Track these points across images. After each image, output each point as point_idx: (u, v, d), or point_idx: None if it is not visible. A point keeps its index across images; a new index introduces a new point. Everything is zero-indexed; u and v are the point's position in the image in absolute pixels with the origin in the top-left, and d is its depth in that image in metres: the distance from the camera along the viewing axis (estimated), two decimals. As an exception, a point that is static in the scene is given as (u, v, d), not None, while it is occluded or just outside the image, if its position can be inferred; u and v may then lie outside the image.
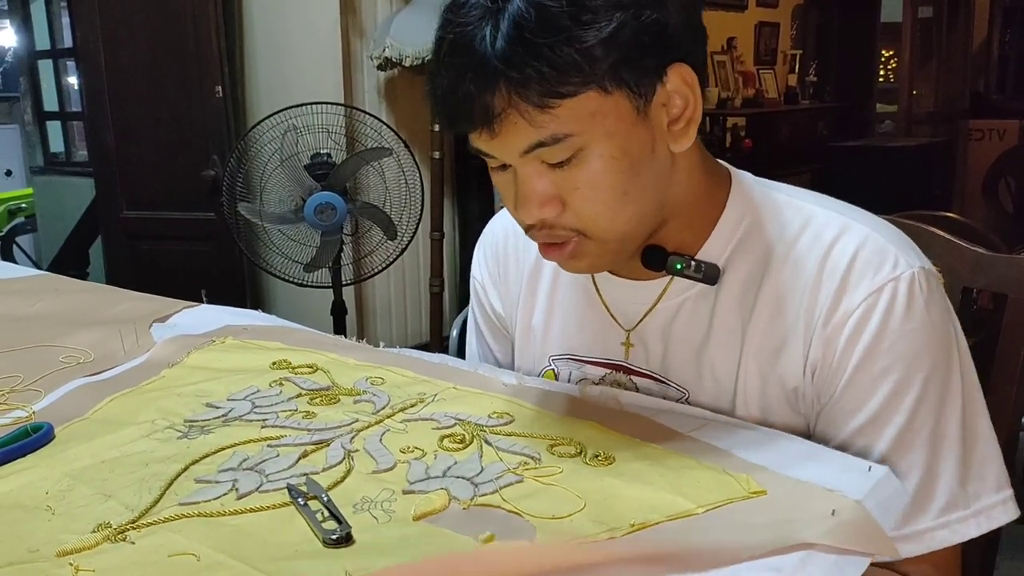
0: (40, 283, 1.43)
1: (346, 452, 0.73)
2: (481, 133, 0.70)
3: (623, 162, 0.71)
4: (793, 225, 0.80)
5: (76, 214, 3.84)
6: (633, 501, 0.63)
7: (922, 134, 5.67)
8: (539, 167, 0.72)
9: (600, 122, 0.69)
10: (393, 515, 0.63)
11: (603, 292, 0.88)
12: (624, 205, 0.73)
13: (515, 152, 0.71)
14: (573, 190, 0.72)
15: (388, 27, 2.66)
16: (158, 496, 0.65)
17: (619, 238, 0.75)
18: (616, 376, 0.88)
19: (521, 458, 0.71)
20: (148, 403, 0.85)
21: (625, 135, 0.71)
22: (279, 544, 0.59)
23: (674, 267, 0.80)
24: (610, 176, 0.71)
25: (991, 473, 0.75)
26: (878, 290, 0.74)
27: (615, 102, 0.69)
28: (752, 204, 0.82)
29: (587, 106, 0.68)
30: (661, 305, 0.83)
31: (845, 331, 0.74)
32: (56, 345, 1.05)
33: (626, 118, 0.70)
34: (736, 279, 0.80)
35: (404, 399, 0.84)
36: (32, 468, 0.71)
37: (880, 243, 0.76)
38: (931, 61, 5.91)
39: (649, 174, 0.74)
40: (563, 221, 0.74)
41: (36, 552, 0.58)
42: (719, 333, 0.81)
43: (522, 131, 0.69)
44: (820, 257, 0.77)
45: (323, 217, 2.35)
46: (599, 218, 0.73)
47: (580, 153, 0.70)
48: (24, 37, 4.53)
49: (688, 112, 0.73)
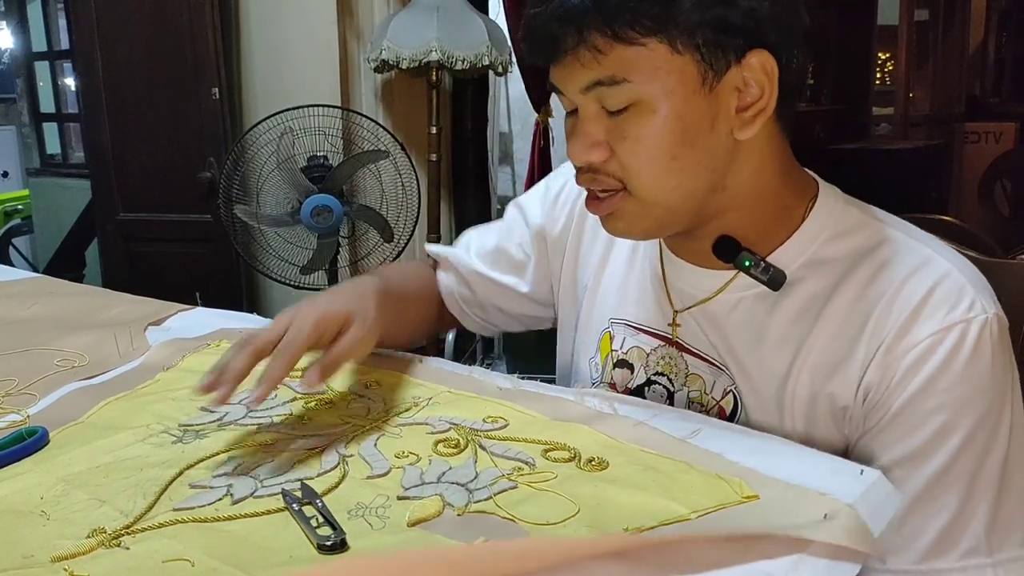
0: (35, 286, 1.43)
1: (341, 457, 0.73)
2: (552, 64, 0.74)
3: (676, 125, 0.72)
4: (873, 248, 0.79)
5: (72, 216, 3.84)
6: (627, 507, 0.63)
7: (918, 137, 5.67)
8: (597, 110, 0.74)
9: (662, 78, 0.70)
10: (388, 521, 0.63)
11: (667, 271, 0.89)
12: (670, 170, 0.73)
13: (577, 87, 0.73)
14: (622, 139, 0.73)
15: (385, 29, 2.66)
16: (152, 501, 0.65)
17: (661, 203, 0.76)
18: (668, 350, 0.88)
19: (515, 463, 0.71)
20: (143, 407, 0.85)
21: (685, 100, 0.71)
22: (273, 550, 0.59)
23: (743, 263, 0.80)
24: (660, 135, 0.72)
25: (1018, 526, 0.74)
26: (948, 328, 0.72)
27: (682, 64, 0.70)
28: (835, 220, 0.81)
29: (653, 58, 0.70)
30: (719, 297, 0.84)
31: (906, 361, 0.73)
32: (51, 348, 1.04)
33: (689, 84, 0.71)
34: (804, 290, 0.79)
35: (399, 403, 0.84)
36: (27, 473, 0.71)
37: (960, 282, 0.74)
38: (927, 64, 5.92)
39: (704, 149, 0.74)
40: (608, 168, 0.75)
41: (31, 558, 0.57)
42: (773, 339, 0.80)
43: (586, 65, 0.71)
44: (897, 284, 0.75)
45: (319, 219, 2.36)
46: (642, 174, 0.74)
47: (637, 104, 0.72)
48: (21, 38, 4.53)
49: (761, 103, 0.73)
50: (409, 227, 2.54)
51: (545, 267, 1.05)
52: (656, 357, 0.89)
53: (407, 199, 2.52)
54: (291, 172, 2.37)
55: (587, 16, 0.69)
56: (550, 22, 0.71)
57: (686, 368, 0.87)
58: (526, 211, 1.06)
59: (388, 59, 2.62)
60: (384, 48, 2.61)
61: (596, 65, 0.71)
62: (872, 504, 0.62)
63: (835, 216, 0.81)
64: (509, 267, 1.07)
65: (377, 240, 2.54)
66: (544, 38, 0.73)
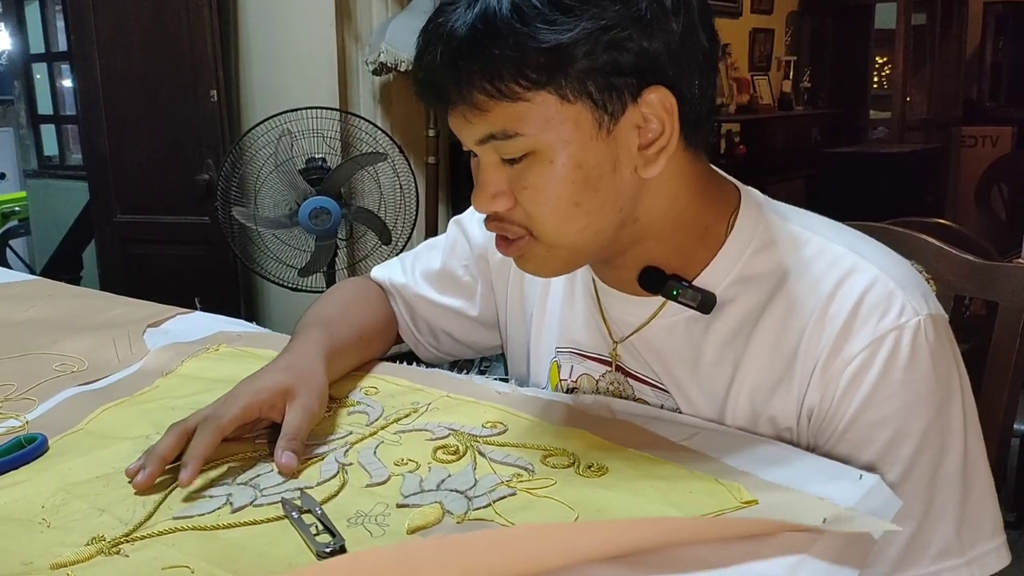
0: (33, 288, 1.43)
1: (340, 465, 0.73)
2: (447, 113, 0.72)
3: (576, 173, 0.70)
4: (800, 259, 0.77)
5: (70, 218, 3.83)
6: (625, 513, 0.63)
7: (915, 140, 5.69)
8: (497, 159, 0.72)
9: (556, 128, 0.69)
10: (387, 529, 0.63)
11: (602, 300, 0.88)
12: (574, 216, 0.72)
13: (471, 139, 0.72)
14: (523, 189, 0.72)
15: (383, 32, 2.66)
16: (152, 510, 0.65)
17: (567, 246, 0.74)
18: (615, 375, 0.88)
19: (514, 470, 0.71)
20: (142, 415, 0.85)
21: (582, 147, 0.69)
22: (273, 557, 0.59)
23: (671, 292, 0.79)
24: (561, 184, 0.70)
25: (987, 519, 0.74)
26: (880, 338, 0.72)
27: (575, 112, 0.68)
28: (759, 233, 0.79)
29: (543, 110, 0.68)
30: (654, 323, 0.83)
31: (844, 378, 0.73)
32: (50, 352, 1.04)
33: (585, 130, 0.69)
34: (736, 309, 0.79)
35: (398, 409, 0.84)
36: (26, 482, 0.71)
37: (888, 287, 0.73)
38: (924, 68, 5.94)
39: (608, 191, 0.72)
40: (513, 216, 0.74)
41: (30, 565, 0.58)
42: (709, 360, 0.80)
43: (476, 119, 0.69)
44: (825, 297, 0.74)
45: (318, 222, 2.36)
46: (546, 222, 0.72)
47: (534, 154, 0.70)
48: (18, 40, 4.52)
49: (663, 140, 0.71)
50: (407, 230, 2.54)
51: (489, 291, 1.02)
52: (605, 383, 0.89)
53: (405, 202, 2.52)
54: (289, 174, 2.37)
55: (469, 73, 0.67)
56: (434, 74, 0.69)
57: (632, 393, 0.86)
58: (467, 230, 1.03)
59: (386, 62, 2.62)
60: (382, 51, 2.61)
61: (484, 120, 0.69)
62: (870, 508, 0.63)
63: (757, 228, 0.79)
64: (456, 290, 1.04)
65: (375, 242, 2.54)
66: (430, 89, 0.71)
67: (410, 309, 1.06)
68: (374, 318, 1.03)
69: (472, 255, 1.02)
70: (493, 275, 1.01)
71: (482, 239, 1.01)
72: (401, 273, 1.07)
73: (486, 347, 1.07)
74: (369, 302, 1.05)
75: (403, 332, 1.08)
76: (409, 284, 1.05)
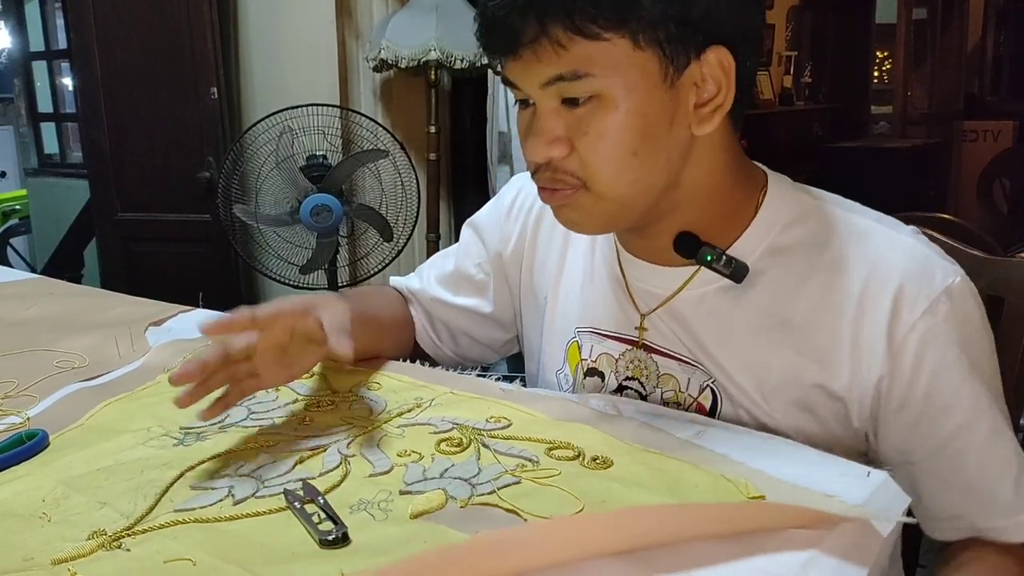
0: (34, 287, 1.43)
1: (343, 457, 0.72)
2: (509, 58, 0.72)
3: (638, 121, 0.72)
4: (831, 233, 0.80)
5: (71, 216, 3.83)
6: (631, 504, 0.63)
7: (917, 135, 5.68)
8: (556, 105, 0.73)
9: (624, 73, 0.70)
10: (390, 514, 0.63)
11: (627, 273, 0.88)
12: (630, 166, 0.73)
13: (536, 82, 0.72)
14: (583, 135, 0.72)
15: (384, 29, 2.65)
16: (153, 503, 0.64)
17: (618, 198, 0.75)
18: (636, 353, 0.88)
19: (519, 460, 0.71)
20: (143, 409, 0.85)
21: (646, 96, 0.71)
22: (276, 547, 0.59)
23: (704, 258, 0.80)
24: (622, 131, 0.72)
25: None
26: (936, 301, 0.74)
27: (644, 59, 0.70)
28: (787, 209, 0.82)
29: (615, 53, 0.70)
30: (683, 294, 0.83)
31: (911, 343, 0.75)
32: (51, 350, 1.04)
33: (651, 79, 0.71)
34: (769, 280, 0.80)
35: (401, 404, 0.84)
36: (27, 476, 0.70)
37: (924, 252, 0.77)
38: (926, 62, 5.93)
39: (663, 144, 0.74)
40: (567, 165, 0.74)
41: (31, 560, 0.57)
42: (743, 330, 0.81)
43: (545, 60, 0.70)
44: (869, 268, 0.77)
45: (319, 219, 2.35)
46: (603, 170, 0.73)
47: (597, 98, 0.71)
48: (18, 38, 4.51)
49: (719, 99, 0.74)
50: (408, 227, 2.53)
51: (504, 286, 1.03)
52: (624, 362, 0.89)
53: (406, 198, 2.52)
54: (290, 171, 2.37)
55: (549, 9, 0.68)
56: (510, 14, 0.70)
57: (657, 369, 0.86)
58: (481, 230, 1.05)
59: (387, 58, 2.61)
60: (383, 47, 2.60)
61: (557, 59, 0.70)
62: (879, 506, 0.62)
63: (786, 204, 0.82)
64: (470, 289, 1.05)
65: (376, 240, 2.53)
66: (502, 30, 0.71)
67: (428, 314, 1.07)
68: (390, 309, 1.05)
69: (487, 254, 1.03)
70: (508, 269, 1.02)
71: (495, 236, 1.02)
72: (416, 280, 1.09)
73: (505, 346, 1.08)
74: (387, 298, 1.08)
75: (421, 339, 1.08)
76: (425, 288, 1.07)
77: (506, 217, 1.02)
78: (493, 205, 1.05)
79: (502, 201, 1.04)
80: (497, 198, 1.05)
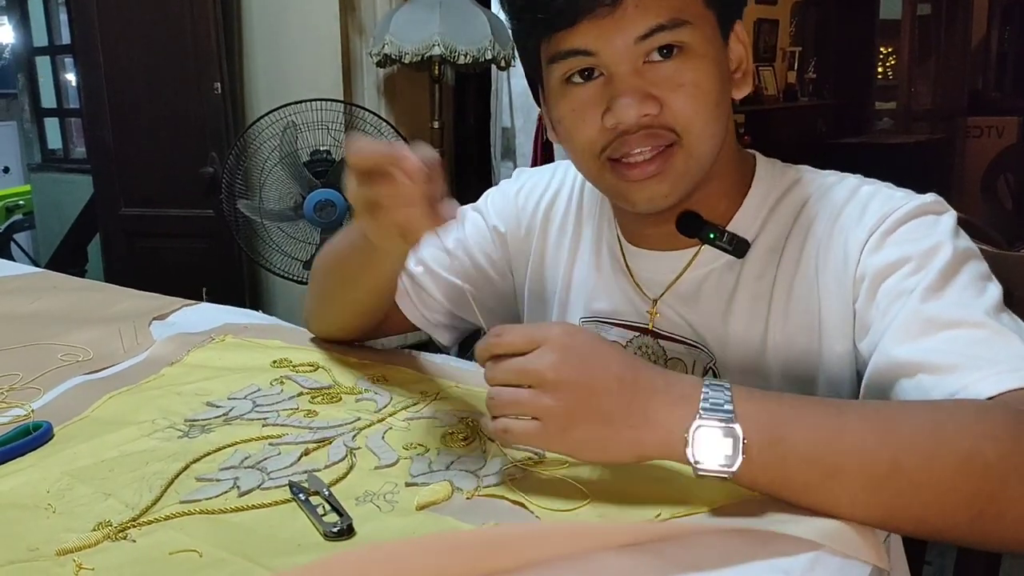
0: (39, 281, 1.42)
1: (348, 450, 0.72)
2: (600, 17, 0.71)
3: (719, 71, 0.75)
4: (813, 194, 0.83)
5: (74, 211, 3.83)
6: (638, 498, 0.63)
7: (921, 131, 5.67)
8: (640, 66, 0.73)
9: (703, 27, 0.74)
10: (396, 505, 0.63)
11: (629, 262, 0.89)
12: (716, 118, 0.76)
13: (630, 38, 0.72)
14: (677, 87, 0.73)
15: (387, 24, 2.65)
16: (159, 494, 0.64)
17: (704, 155, 0.77)
18: (643, 339, 0.88)
19: (525, 453, 0.71)
20: (148, 402, 0.85)
21: (719, 48, 0.76)
22: (281, 539, 0.59)
23: (707, 236, 0.82)
24: (711, 80, 0.74)
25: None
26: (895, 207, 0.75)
27: (712, 18, 0.75)
28: (778, 179, 0.85)
29: (697, 7, 0.73)
30: (687, 275, 0.85)
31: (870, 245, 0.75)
32: (55, 343, 1.04)
33: (717, 37, 0.76)
34: (761, 248, 0.82)
35: (406, 397, 0.84)
36: (31, 467, 0.70)
37: (899, 192, 0.79)
38: (930, 58, 5.91)
39: (728, 101, 0.78)
40: (662, 120, 0.74)
41: (36, 551, 0.57)
42: (742, 302, 0.82)
43: (643, 12, 0.71)
44: (835, 212, 0.79)
45: (323, 214, 2.35)
46: (696, 120, 0.74)
47: (688, 50, 0.73)
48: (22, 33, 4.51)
49: (744, 65, 0.80)
50: (412, 222, 2.53)
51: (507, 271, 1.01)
52: (633, 348, 0.89)
53: (410, 194, 2.51)
54: (294, 167, 2.37)
55: None
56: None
57: (664, 354, 0.88)
58: (486, 213, 1.02)
59: (390, 53, 2.61)
60: (386, 42, 2.60)
61: (656, 9, 0.71)
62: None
63: (776, 179, 0.85)
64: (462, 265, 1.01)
65: (380, 235, 2.53)
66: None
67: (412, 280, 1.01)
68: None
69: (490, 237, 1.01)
70: (512, 256, 1.01)
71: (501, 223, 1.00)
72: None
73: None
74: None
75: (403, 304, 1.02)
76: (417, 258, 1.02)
77: (513, 204, 1.01)
78: (499, 191, 1.04)
79: (507, 189, 1.03)
80: (500, 188, 1.04)
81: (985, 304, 0.68)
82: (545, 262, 0.99)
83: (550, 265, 0.98)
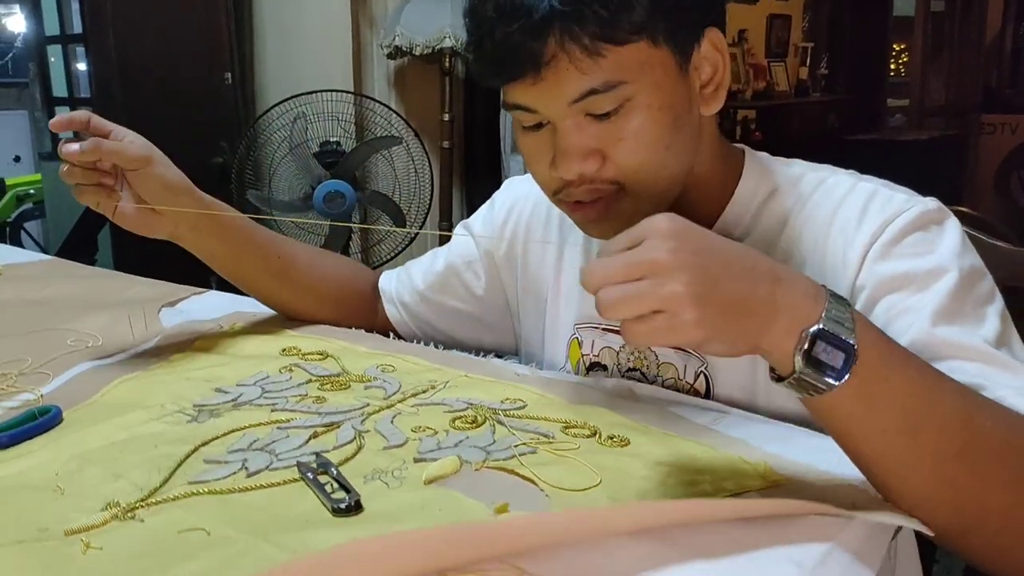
0: (49, 268, 1.43)
1: (357, 432, 0.72)
2: (528, 82, 0.70)
3: (668, 115, 0.72)
4: (806, 190, 0.81)
5: (84, 201, 3.83)
6: (650, 482, 0.63)
7: (934, 128, 5.63)
8: (581, 120, 0.72)
9: (649, 73, 0.70)
10: (404, 481, 0.63)
11: None
12: (666, 159, 0.73)
13: (563, 102, 0.70)
14: (617, 141, 0.72)
15: (398, 16, 2.65)
16: (167, 476, 0.64)
17: (656, 196, 0.75)
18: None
19: (535, 435, 0.71)
20: (157, 387, 0.85)
21: (671, 89, 0.72)
22: (289, 517, 0.59)
23: None
24: (656, 127, 0.72)
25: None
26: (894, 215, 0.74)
27: (662, 55, 0.71)
28: (768, 175, 0.83)
29: (637, 55, 0.69)
30: None
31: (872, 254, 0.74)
32: (65, 328, 1.04)
33: (671, 72, 0.72)
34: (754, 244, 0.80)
35: (415, 385, 0.84)
36: (40, 450, 0.70)
37: (892, 191, 0.78)
38: (943, 55, 5.87)
39: (687, 132, 0.75)
40: (603, 174, 0.73)
41: (45, 531, 0.57)
42: None
43: (572, 78, 0.69)
44: (831, 211, 0.78)
45: (332, 205, 2.35)
46: (641, 169, 0.73)
47: (627, 104, 0.71)
48: (33, 22, 4.52)
49: (717, 77, 0.75)
50: (421, 214, 2.53)
51: (498, 287, 1.02)
52: (626, 354, 0.89)
53: (419, 186, 2.52)
54: (304, 158, 2.37)
55: (581, 21, 0.66)
56: (521, 37, 0.67)
57: (656, 359, 0.87)
58: (474, 231, 1.03)
59: (401, 45, 2.61)
60: (397, 34, 2.59)
61: (585, 74, 0.68)
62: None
63: (764, 177, 0.83)
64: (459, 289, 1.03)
65: (389, 226, 2.53)
66: (516, 55, 0.68)
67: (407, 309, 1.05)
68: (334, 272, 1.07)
69: (479, 255, 1.02)
70: (501, 272, 1.01)
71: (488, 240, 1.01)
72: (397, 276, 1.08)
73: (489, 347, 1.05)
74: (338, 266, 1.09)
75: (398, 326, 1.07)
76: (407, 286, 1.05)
77: (499, 220, 1.01)
78: (487, 208, 1.04)
79: (495, 204, 1.03)
80: (491, 202, 1.05)
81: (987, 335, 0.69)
82: (530, 270, 0.98)
83: (537, 272, 0.98)
